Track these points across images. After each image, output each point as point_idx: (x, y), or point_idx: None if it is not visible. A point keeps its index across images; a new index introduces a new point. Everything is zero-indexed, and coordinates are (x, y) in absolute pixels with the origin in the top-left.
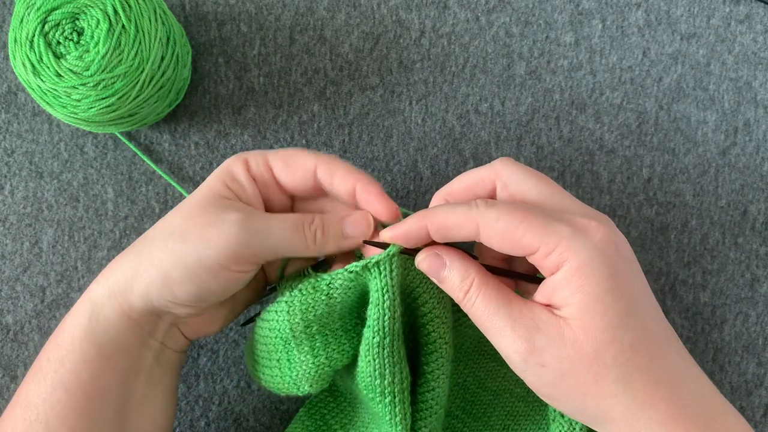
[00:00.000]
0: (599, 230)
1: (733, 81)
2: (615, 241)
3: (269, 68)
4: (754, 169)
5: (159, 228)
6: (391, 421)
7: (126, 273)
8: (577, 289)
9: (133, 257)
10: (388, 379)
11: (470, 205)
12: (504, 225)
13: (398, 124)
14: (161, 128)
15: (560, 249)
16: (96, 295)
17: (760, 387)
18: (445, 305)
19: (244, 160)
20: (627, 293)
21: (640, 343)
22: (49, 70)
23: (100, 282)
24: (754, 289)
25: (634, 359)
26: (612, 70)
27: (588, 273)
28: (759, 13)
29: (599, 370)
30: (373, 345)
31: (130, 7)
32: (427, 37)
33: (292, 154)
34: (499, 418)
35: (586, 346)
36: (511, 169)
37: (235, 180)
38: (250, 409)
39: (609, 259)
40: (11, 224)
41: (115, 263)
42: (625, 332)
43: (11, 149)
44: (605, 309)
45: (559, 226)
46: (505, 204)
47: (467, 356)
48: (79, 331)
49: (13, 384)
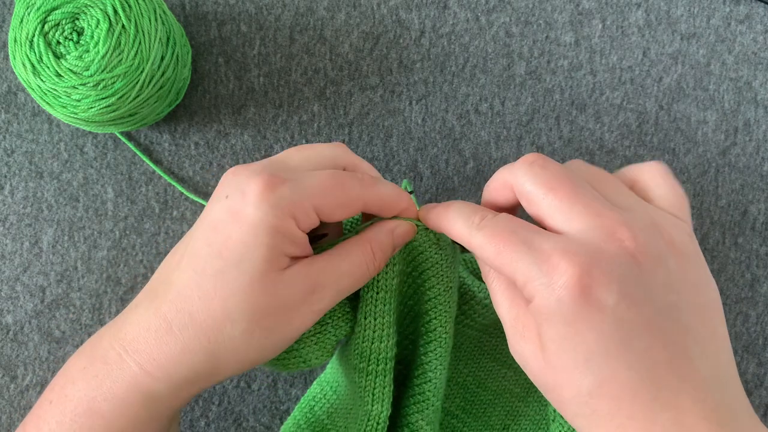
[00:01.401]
0: (565, 273)
1: (733, 81)
2: (584, 284)
3: (269, 68)
4: (754, 169)
5: (219, 318)
6: (380, 392)
7: (200, 373)
8: (540, 326)
9: (204, 357)
10: (385, 343)
11: (468, 220)
12: (487, 253)
13: (398, 124)
14: (161, 128)
15: (528, 287)
16: (154, 390)
17: (760, 387)
18: (452, 296)
19: (291, 216)
20: (588, 341)
21: (603, 391)
22: (49, 70)
23: (157, 378)
24: (754, 289)
25: (593, 404)
26: (612, 70)
27: (545, 316)
28: (759, 13)
29: (560, 402)
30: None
31: (130, 7)
32: (427, 37)
33: (339, 194)
34: (499, 417)
35: (547, 376)
36: (526, 176)
37: (292, 243)
38: (250, 409)
39: (564, 307)
40: (11, 224)
41: (173, 358)
42: (584, 378)
43: (11, 149)
44: (560, 353)
45: (529, 264)
46: (492, 228)
47: (467, 356)
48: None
49: (13, 384)
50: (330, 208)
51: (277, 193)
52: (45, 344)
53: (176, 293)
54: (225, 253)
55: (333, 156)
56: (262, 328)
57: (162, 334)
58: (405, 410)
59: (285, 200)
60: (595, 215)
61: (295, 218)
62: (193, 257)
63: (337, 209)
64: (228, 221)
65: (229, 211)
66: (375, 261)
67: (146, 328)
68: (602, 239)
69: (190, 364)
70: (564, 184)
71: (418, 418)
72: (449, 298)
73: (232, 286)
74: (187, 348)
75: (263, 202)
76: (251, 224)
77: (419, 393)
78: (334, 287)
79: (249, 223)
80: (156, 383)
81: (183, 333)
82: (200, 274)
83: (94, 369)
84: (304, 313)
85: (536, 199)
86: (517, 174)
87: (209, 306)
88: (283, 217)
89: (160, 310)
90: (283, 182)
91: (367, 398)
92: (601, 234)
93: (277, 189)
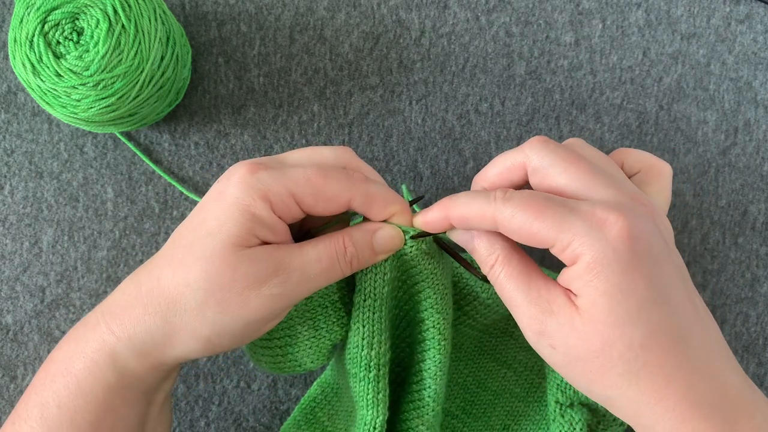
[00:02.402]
0: (616, 224)
1: (734, 81)
2: (634, 235)
3: (269, 68)
4: (754, 169)
5: (180, 284)
6: (373, 398)
7: (155, 337)
8: (588, 283)
9: (160, 321)
10: (375, 350)
11: (488, 197)
12: (519, 221)
13: (398, 124)
14: (161, 128)
15: (574, 245)
16: (117, 351)
17: (761, 387)
18: (447, 302)
19: (264, 198)
20: (640, 289)
21: (653, 341)
22: (48, 70)
23: (119, 337)
24: (754, 289)
25: (643, 356)
26: (612, 70)
27: (599, 269)
28: (759, 13)
29: (605, 363)
30: (363, 309)
31: (130, 7)
32: (427, 37)
33: (320, 184)
34: (499, 418)
35: (593, 339)
36: (539, 153)
37: (263, 225)
38: (250, 409)
39: (622, 255)
40: (11, 224)
41: (133, 318)
42: (636, 329)
43: (11, 149)
44: (613, 306)
45: (574, 222)
46: (521, 198)
47: (467, 356)
48: (101, 383)
49: (13, 384)
50: (311, 199)
51: (256, 176)
52: (45, 344)
53: (153, 262)
54: (200, 227)
55: (336, 158)
56: (218, 301)
57: (132, 298)
58: (404, 415)
59: (261, 183)
60: (616, 185)
61: (269, 202)
62: (176, 232)
63: (319, 201)
64: (211, 200)
65: (215, 192)
66: (346, 255)
67: (123, 292)
68: (630, 202)
69: (147, 326)
70: (581, 160)
71: (417, 423)
72: (445, 306)
73: (197, 255)
74: (147, 310)
75: (241, 183)
76: (227, 202)
77: (418, 399)
78: (297, 274)
79: (226, 201)
80: (118, 343)
81: (148, 295)
82: (176, 245)
83: (77, 333)
84: (263, 295)
85: (555, 172)
86: (529, 153)
87: (174, 273)
88: (256, 198)
89: (138, 276)
90: (265, 168)
91: (362, 403)
92: (627, 199)
93: (257, 173)
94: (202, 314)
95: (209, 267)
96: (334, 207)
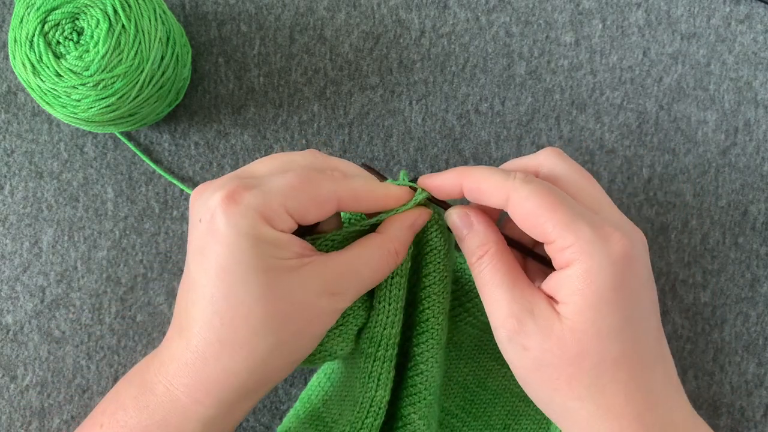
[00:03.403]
0: (620, 242)
1: (734, 81)
2: (632, 256)
3: (269, 68)
4: (755, 169)
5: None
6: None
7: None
8: (578, 291)
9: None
10: (395, 329)
11: (508, 175)
12: (532, 206)
13: (398, 124)
14: (161, 128)
15: (574, 248)
16: (209, 416)
17: (760, 387)
18: (446, 287)
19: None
20: (626, 309)
21: (624, 360)
22: (48, 70)
23: (209, 405)
24: (755, 289)
25: (612, 372)
26: (612, 69)
27: (592, 279)
28: (759, 13)
29: (575, 372)
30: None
31: (130, 7)
32: (427, 37)
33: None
34: (499, 417)
35: (570, 346)
36: (555, 160)
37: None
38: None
39: (618, 271)
40: (11, 224)
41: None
42: (613, 345)
43: (11, 149)
44: (597, 318)
45: (583, 226)
46: (541, 185)
47: (467, 355)
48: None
49: (13, 384)
50: (302, 208)
51: (243, 203)
52: (45, 344)
53: (200, 325)
54: (223, 275)
55: (305, 163)
56: (290, 334)
57: (200, 366)
58: (399, 402)
59: (251, 207)
60: (618, 210)
61: (268, 221)
62: (199, 288)
63: (310, 208)
64: (210, 243)
65: (207, 233)
66: (398, 260)
67: (184, 363)
68: (630, 228)
69: (236, 385)
70: (591, 177)
71: (410, 411)
72: (443, 289)
73: (246, 304)
74: (229, 371)
75: (231, 216)
76: (229, 241)
77: (411, 386)
78: (354, 289)
79: (226, 241)
80: (209, 410)
81: (219, 361)
82: (212, 301)
83: (145, 399)
84: (326, 313)
85: (565, 184)
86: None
87: (233, 329)
88: (254, 225)
89: (191, 344)
90: (246, 189)
91: (371, 384)
92: (628, 224)
93: (241, 198)
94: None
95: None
96: (323, 211)
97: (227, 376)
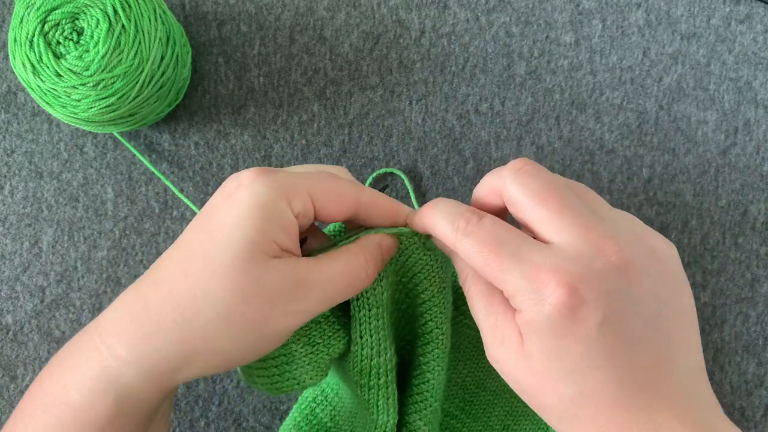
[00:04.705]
0: (555, 292)
1: (734, 81)
2: (573, 305)
3: (269, 68)
4: (754, 169)
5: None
6: (384, 403)
7: (170, 357)
8: (529, 335)
9: (176, 338)
10: (383, 357)
11: (453, 224)
12: (474, 259)
13: (398, 124)
14: (161, 128)
15: (516, 299)
16: (121, 376)
17: (760, 387)
18: (446, 296)
19: (284, 195)
20: (575, 354)
21: (585, 399)
22: (48, 70)
23: (125, 360)
24: (754, 289)
25: (574, 410)
26: (612, 70)
27: (534, 329)
28: (759, 13)
29: (542, 407)
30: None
31: (130, 7)
32: (427, 37)
33: (335, 184)
34: (498, 418)
35: (531, 382)
36: (513, 185)
37: (281, 227)
38: (250, 409)
39: (555, 323)
40: (11, 224)
41: (142, 337)
42: (567, 387)
43: (11, 149)
44: (546, 363)
45: (517, 278)
46: (478, 236)
47: (466, 356)
48: (101, 414)
49: (13, 384)
50: (324, 198)
51: (272, 176)
52: (45, 344)
53: (160, 274)
54: (216, 235)
55: (335, 171)
56: (240, 315)
57: (138, 313)
58: (404, 409)
59: (279, 181)
60: (584, 229)
61: (288, 200)
62: (185, 242)
63: (331, 200)
64: (222, 205)
65: (224, 196)
66: (368, 270)
67: (123, 308)
68: (591, 254)
69: (162, 345)
70: (553, 195)
71: (416, 418)
72: (443, 299)
73: (215, 264)
74: (162, 326)
75: (256, 183)
76: (243, 203)
77: (417, 393)
78: (322, 288)
79: (241, 202)
80: (123, 367)
81: (159, 310)
82: (187, 254)
83: (71, 359)
84: (288, 310)
85: (525, 207)
86: (506, 181)
87: (190, 283)
88: (276, 197)
89: (140, 289)
90: (279, 170)
91: (373, 409)
92: (589, 249)
93: (271, 173)
94: (224, 330)
95: (230, 276)
96: (344, 208)
97: (158, 333)
